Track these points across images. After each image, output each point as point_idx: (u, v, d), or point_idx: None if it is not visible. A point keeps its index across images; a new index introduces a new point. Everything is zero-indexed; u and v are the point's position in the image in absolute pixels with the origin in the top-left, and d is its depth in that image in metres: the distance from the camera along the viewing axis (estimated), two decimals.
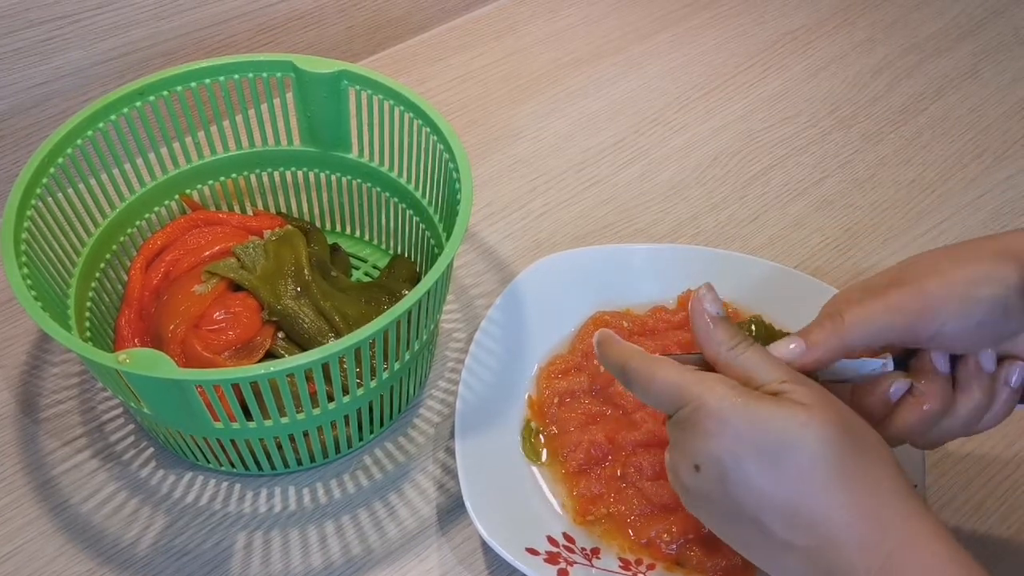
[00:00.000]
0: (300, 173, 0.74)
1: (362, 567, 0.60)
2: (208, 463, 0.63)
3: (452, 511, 0.62)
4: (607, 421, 0.64)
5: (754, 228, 0.80)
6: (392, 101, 0.68)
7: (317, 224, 0.76)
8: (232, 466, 0.62)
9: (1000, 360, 0.50)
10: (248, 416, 0.57)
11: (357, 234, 0.78)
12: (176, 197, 0.72)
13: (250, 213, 0.75)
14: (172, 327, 0.63)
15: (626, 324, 0.69)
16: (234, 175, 0.73)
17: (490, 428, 0.63)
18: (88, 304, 0.65)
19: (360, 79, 0.68)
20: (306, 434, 0.61)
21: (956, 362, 0.50)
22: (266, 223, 0.71)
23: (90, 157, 0.65)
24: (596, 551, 0.58)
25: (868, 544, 0.42)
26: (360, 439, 0.65)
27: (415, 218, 0.71)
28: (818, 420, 0.43)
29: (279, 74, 0.69)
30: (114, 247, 0.68)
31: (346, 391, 0.59)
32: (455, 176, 0.62)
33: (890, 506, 0.43)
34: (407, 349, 0.60)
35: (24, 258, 0.58)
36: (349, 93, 0.69)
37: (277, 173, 0.74)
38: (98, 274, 0.67)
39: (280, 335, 0.64)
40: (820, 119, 0.90)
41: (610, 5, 1.02)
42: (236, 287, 0.66)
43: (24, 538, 0.60)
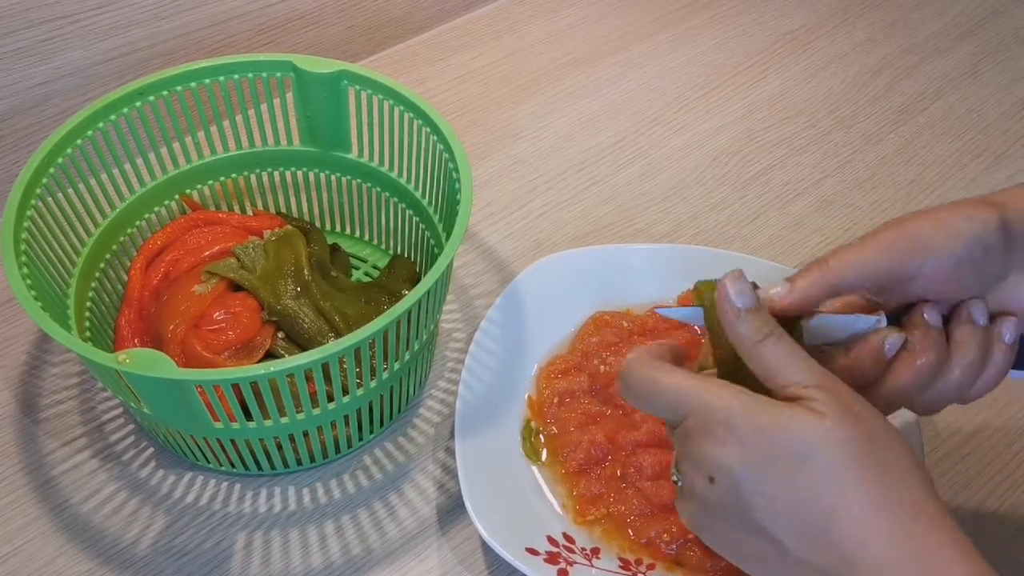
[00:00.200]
0: (300, 173, 0.74)
1: (362, 567, 0.60)
2: (208, 463, 0.63)
3: (452, 511, 0.62)
4: (607, 421, 0.64)
5: (754, 228, 0.80)
6: (392, 101, 0.68)
7: (317, 224, 0.76)
8: (232, 466, 0.62)
9: (992, 317, 0.49)
10: (248, 416, 0.57)
11: (357, 234, 0.78)
12: (176, 197, 0.72)
13: (250, 213, 0.75)
14: (172, 327, 0.63)
15: (626, 324, 0.69)
16: (234, 175, 0.73)
17: (490, 428, 0.63)
18: (88, 304, 0.65)
19: (360, 79, 0.68)
20: (306, 434, 0.61)
21: (948, 319, 0.50)
22: (266, 223, 0.71)
23: (90, 157, 0.65)
24: (596, 551, 0.58)
25: (888, 568, 0.40)
26: (360, 439, 0.65)
27: (415, 218, 0.71)
28: (833, 431, 0.42)
29: (279, 74, 0.69)
30: (114, 247, 0.68)
31: (346, 391, 0.59)
32: (455, 176, 0.62)
33: (911, 524, 0.41)
34: (407, 349, 0.60)
35: (24, 258, 0.58)
36: (349, 93, 0.69)
37: (277, 173, 0.74)
38: (98, 274, 0.67)
39: (280, 335, 0.64)
40: (820, 119, 0.90)
41: (610, 5, 1.02)
42: (236, 287, 0.66)
43: (24, 538, 0.60)
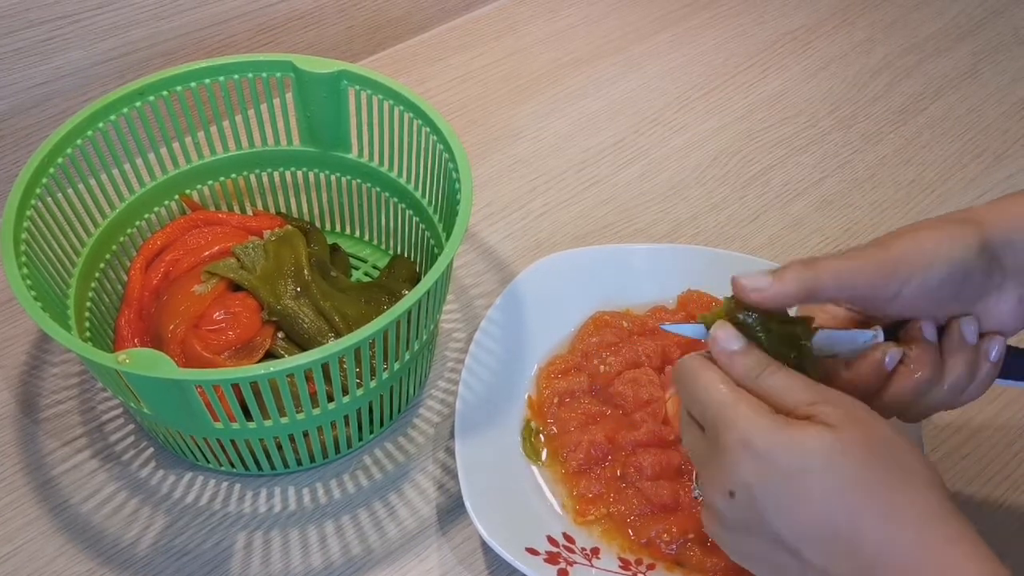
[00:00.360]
0: (300, 173, 0.74)
1: (362, 567, 0.60)
2: (208, 463, 0.63)
3: (452, 511, 0.62)
4: (607, 421, 0.64)
5: (754, 228, 0.80)
6: (392, 101, 0.68)
7: (317, 224, 0.76)
8: (232, 466, 0.62)
9: (981, 335, 0.51)
10: (248, 416, 0.57)
11: (357, 234, 0.78)
12: (176, 197, 0.72)
13: (250, 213, 0.75)
14: (172, 327, 0.63)
15: (626, 324, 0.69)
16: (234, 175, 0.73)
17: (490, 428, 0.63)
18: (88, 304, 0.65)
19: (360, 79, 0.68)
20: (306, 434, 0.61)
21: (940, 334, 0.51)
22: (266, 223, 0.71)
23: (90, 157, 0.65)
24: (596, 551, 0.58)
25: (906, 570, 0.41)
26: (360, 439, 0.65)
27: (415, 218, 0.71)
28: (849, 441, 0.43)
29: (279, 74, 0.69)
30: (114, 247, 0.68)
31: (346, 391, 0.59)
32: (455, 176, 0.62)
33: (929, 529, 0.42)
34: (407, 349, 0.60)
35: (24, 258, 0.58)
36: (349, 93, 0.69)
37: (277, 173, 0.74)
38: (98, 274, 0.67)
39: (280, 335, 0.64)
40: (820, 119, 0.90)
41: (610, 5, 1.02)
42: (236, 287, 0.66)
43: (24, 538, 0.60)
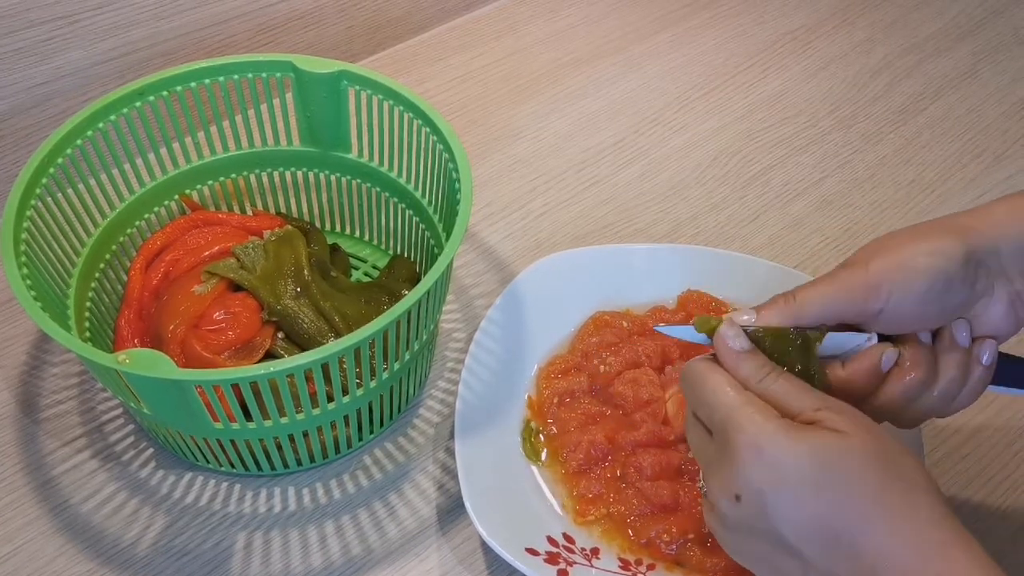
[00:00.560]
0: (300, 173, 0.74)
1: (362, 567, 0.60)
2: (208, 463, 0.63)
3: (452, 511, 0.62)
4: (607, 421, 0.64)
5: (754, 228, 0.80)
6: (392, 101, 0.68)
7: (317, 224, 0.76)
8: (232, 466, 0.62)
9: (973, 339, 0.51)
10: (248, 416, 0.57)
11: (357, 234, 0.78)
12: (176, 197, 0.72)
13: (250, 213, 0.75)
14: (172, 327, 0.63)
15: (626, 324, 0.69)
16: (234, 175, 0.73)
17: (490, 428, 0.63)
18: (88, 304, 0.65)
19: (360, 79, 0.68)
20: (306, 434, 0.61)
21: (933, 338, 0.51)
22: (266, 223, 0.71)
23: (90, 157, 0.65)
24: (596, 551, 0.58)
25: (909, 573, 0.42)
26: (360, 439, 0.65)
27: (415, 218, 0.71)
28: (856, 447, 0.43)
29: (279, 74, 0.69)
30: (114, 247, 0.68)
31: (346, 391, 0.59)
32: (455, 176, 0.62)
33: (929, 533, 0.42)
34: (407, 349, 0.60)
35: (24, 258, 0.58)
36: (349, 93, 0.69)
37: (277, 173, 0.74)
38: (98, 274, 0.67)
39: (280, 335, 0.64)
40: (820, 119, 0.90)
41: (610, 5, 1.02)
42: (236, 287, 0.66)
43: (24, 538, 0.60)
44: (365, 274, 0.75)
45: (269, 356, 0.63)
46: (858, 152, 0.87)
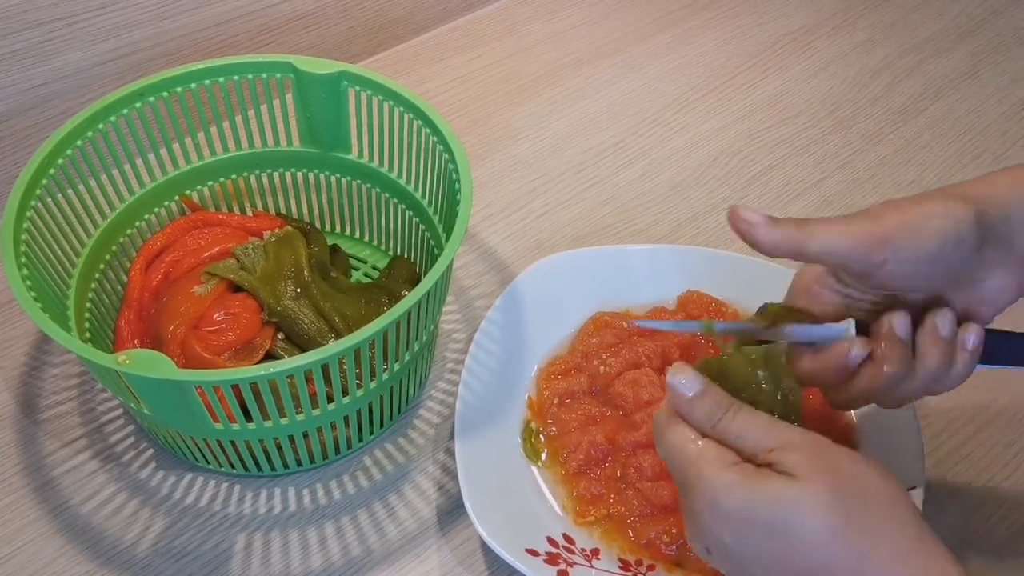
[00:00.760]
0: (300, 174, 0.74)
1: (362, 568, 0.60)
2: (208, 464, 0.63)
3: (452, 512, 0.62)
4: (607, 422, 0.64)
5: None
6: (392, 102, 0.68)
7: (317, 225, 0.76)
8: (232, 467, 0.62)
9: (959, 320, 0.50)
10: (248, 417, 0.57)
11: (357, 235, 0.78)
12: (176, 198, 0.72)
13: (250, 214, 0.75)
14: (172, 328, 0.63)
15: (626, 325, 0.69)
16: (234, 176, 0.73)
17: (490, 429, 0.63)
18: (88, 305, 0.65)
19: (360, 80, 0.68)
20: (306, 435, 0.61)
21: (915, 327, 0.51)
22: (266, 224, 0.71)
23: (90, 158, 0.65)
24: (596, 552, 0.58)
25: None
26: (360, 440, 0.65)
27: (415, 219, 0.71)
28: (810, 490, 0.43)
29: (279, 75, 0.69)
30: (114, 248, 0.68)
31: (346, 392, 0.59)
32: (455, 177, 0.62)
33: (901, 568, 0.42)
34: (407, 350, 0.60)
35: (24, 259, 0.58)
36: (349, 94, 0.69)
37: (277, 174, 0.74)
38: (98, 275, 0.67)
39: (280, 336, 0.64)
40: (820, 120, 0.90)
41: (610, 6, 1.02)
42: (236, 288, 0.66)
43: (24, 539, 0.60)
44: (365, 275, 0.75)
45: (269, 357, 0.63)
46: (858, 153, 0.87)
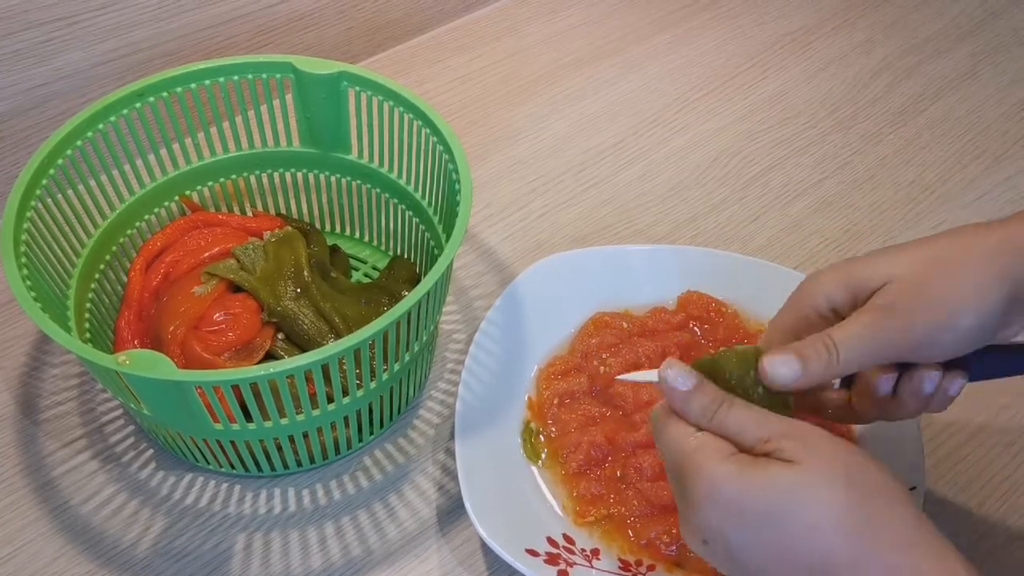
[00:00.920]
0: (300, 174, 0.74)
1: (362, 568, 0.60)
2: (208, 464, 0.63)
3: (452, 512, 0.62)
4: (607, 422, 0.64)
5: (753, 229, 0.80)
6: (392, 102, 0.68)
7: (317, 225, 0.76)
8: (232, 467, 0.62)
9: (946, 370, 0.50)
10: (248, 417, 0.57)
11: (357, 235, 0.78)
12: (176, 198, 0.72)
13: (250, 214, 0.75)
14: (172, 328, 0.63)
15: (626, 325, 0.69)
16: (234, 176, 0.73)
17: (490, 429, 0.63)
18: (88, 305, 0.65)
19: (360, 80, 0.68)
20: (306, 435, 0.61)
21: (900, 376, 0.51)
22: (266, 224, 0.71)
23: (90, 159, 0.65)
24: (596, 552, 0.58)
25: None
26: (360, 440, 0.65)
27: (415, 219, 0.71)
28: (807, 476, 0.43)
29: (279, 75, 0.69)
30: (114, 248, 0.68)
31: (346, 392, 0.59)
32: (455, 177, 0.62)
33: (900, 555, 0.42)
34: (407, 350, 0.60)
35: (24, 259, 0.58)
36: (349, 94, 0.69)
37: (277, 174, 0.74)
38: (98, 275, 0.67)
39: (280, 336, 0.64)
40: (819, 120, 0.90)
41: (610, 6, 1.02)
42: (236, 288, 0.66)
43: (24, 539, 0.60)
44: (365, 275, 0.75)
45: (269, 357, 0.63)
46: (858, 153, 0.87)
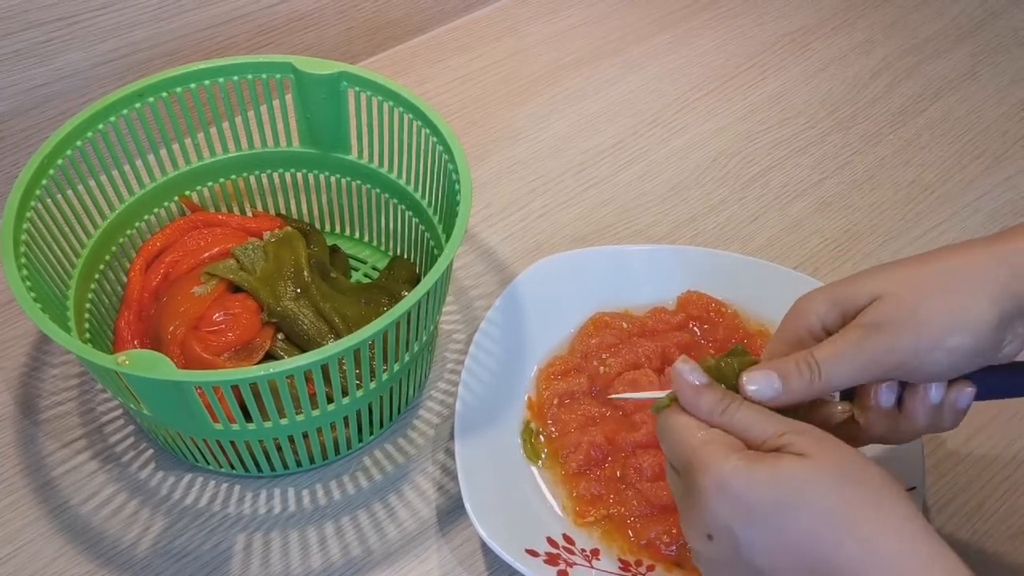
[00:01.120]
0: (300, 175, 0.74)
1: (362, 568, 0.60)
2: (208, 464, 0.63)
3: (452, 512, 0.62)
4: (607, 422, 0.64)
5: (753, 229, 0.80)
6: (392, 102, 0.68)
7: (316, 225, 0.76)
8: (232, 468, 0.62)
9: (952, 382, 0.50)
10: (248, 418, 0.57)
11: (356, 235, 0.78)
12: (176, 199, 0.72)
13: (249, 215, 0.75)
14: (172, 328, 0.63)
15: (625, 325, 0.69)
16: (234, 176, 0.73)
17: (490, 429, 0.63)
18: (87, 306, 0.65)
19: (360, 80, 0.68)
20: (306, 435, 0.61)
21: (904, 388, 0.50)
22: (266, 224, 0.71)
23: (89, 159, 0.65)
24: (596, 552, 0.58)
25: None
26: (360, 440, 0.65)
27: (414, 219, 0.72)
28: (818, 467, 0.43)
29: (279, 75, 0.69)
30: (113, 249, 0.68)
31: (345, 393, 0.59)
32: (454, 177, 0.62)
33: (904, 552, 0.42)
34: (406, 350, 0.60)
35: (24, 259, 0.58)
36: (348, 94, 0.69)
37: (277, 174, 0.74)
38: (97, 275, 0.67)
39: (280, 336, 0.64)
40: (819, 120, 0.90)
41: (610, 6, 1.02)
42: (236, 288, 0.66)
43: (24, 539, 0.60)
44: (365, 275, 0.75)
45: (269, 357, 0.63)
46: (857, 153, 0.87)
